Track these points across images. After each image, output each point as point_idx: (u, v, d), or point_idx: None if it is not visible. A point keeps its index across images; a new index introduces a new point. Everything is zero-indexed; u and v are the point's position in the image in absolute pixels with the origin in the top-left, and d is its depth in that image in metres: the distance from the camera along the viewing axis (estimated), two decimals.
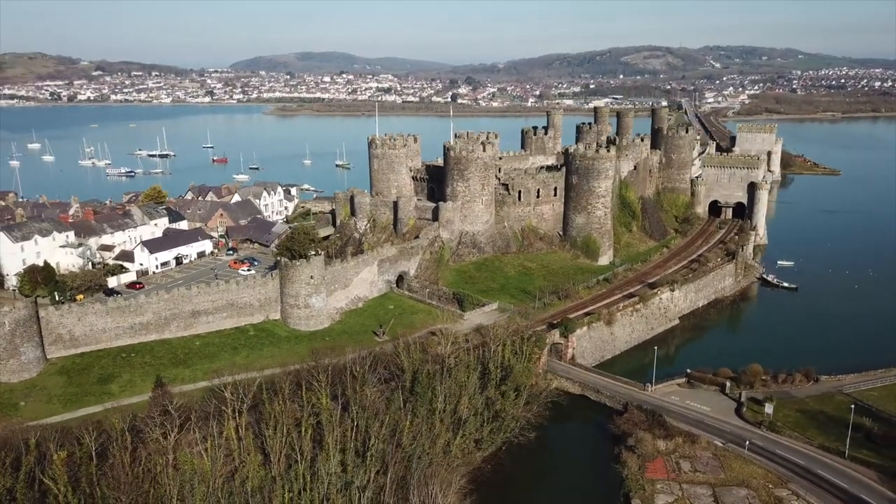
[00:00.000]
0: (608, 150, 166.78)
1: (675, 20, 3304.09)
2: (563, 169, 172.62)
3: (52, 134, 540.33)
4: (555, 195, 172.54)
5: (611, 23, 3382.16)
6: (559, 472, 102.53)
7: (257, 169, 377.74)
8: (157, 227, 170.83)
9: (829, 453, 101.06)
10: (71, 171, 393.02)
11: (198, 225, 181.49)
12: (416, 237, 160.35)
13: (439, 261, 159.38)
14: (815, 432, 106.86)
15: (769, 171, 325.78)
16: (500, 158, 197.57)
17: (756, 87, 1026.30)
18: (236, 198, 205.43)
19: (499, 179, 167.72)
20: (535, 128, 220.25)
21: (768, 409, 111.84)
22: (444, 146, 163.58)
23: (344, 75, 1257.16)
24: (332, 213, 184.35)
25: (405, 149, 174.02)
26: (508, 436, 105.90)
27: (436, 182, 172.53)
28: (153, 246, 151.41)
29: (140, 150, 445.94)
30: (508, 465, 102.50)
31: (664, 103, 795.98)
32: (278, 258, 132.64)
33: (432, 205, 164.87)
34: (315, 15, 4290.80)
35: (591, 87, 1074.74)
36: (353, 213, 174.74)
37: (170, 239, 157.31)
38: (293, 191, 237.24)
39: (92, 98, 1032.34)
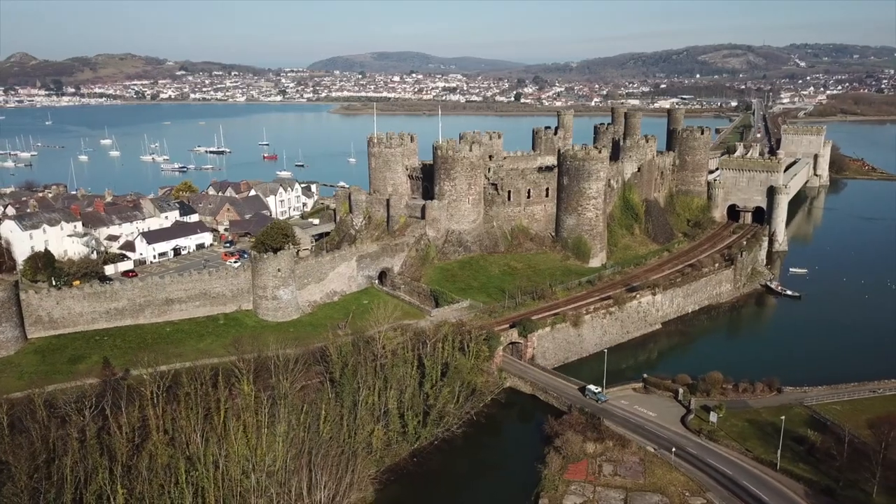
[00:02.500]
0: (599, 152, 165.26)
1: (759, 17, 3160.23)
2: (556, 170, 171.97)
3: (127, 130, 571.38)
4: (546, 196, 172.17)
5: (690, 21, 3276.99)
6: (485, 469, 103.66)
7: (303, 166, 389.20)
8: (167, 219, 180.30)
9: (763, 465, 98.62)
10: (132, 166, 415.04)
11: (208, 218, 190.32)
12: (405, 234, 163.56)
13: (425, 258, 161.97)
14: (757, 443, 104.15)
15: (815, 174, 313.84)
16: (505, 158, 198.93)
17: (839, 88, 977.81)
18: (252, 193, 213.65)
19: (488, 179, 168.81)
20: (547, 128, 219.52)
21: (713, 417, 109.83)
22: (433, 145, 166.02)
23: (413, 75, 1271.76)
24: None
25: (401, 147, 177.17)
26: (441, 431, 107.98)
27: (430, 181, 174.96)
28: (151, 237, 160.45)
29: (199, 146, 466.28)
30: (436, 459, 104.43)
31: (734, 104, 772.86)
32: (250, 251, 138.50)
33: (422, 203, 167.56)
34: (393, 15, 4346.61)
35: (662, 86, 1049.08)
36: (350, 210, 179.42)
37: (169, 231, 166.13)
38: (313, 187, 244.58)
39: (173, 97, 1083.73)
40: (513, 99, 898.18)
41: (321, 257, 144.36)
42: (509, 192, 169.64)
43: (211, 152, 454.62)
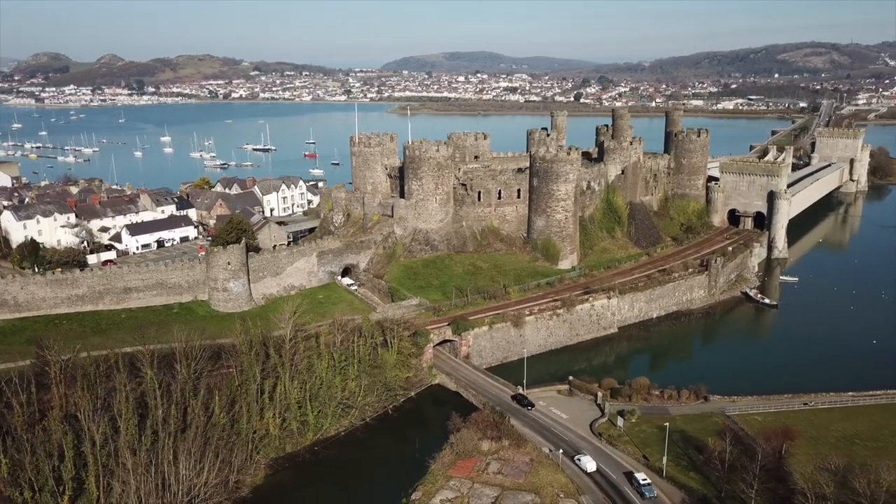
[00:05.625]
0: (569, 154, 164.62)
1: (847, 14, 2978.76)
2: (527, 171, 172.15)
3: (189, 128, 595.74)
4: (518, 197, 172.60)
5: (771, 19, 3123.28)
6: (383, 461, 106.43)
7: (338, 164, 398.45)
8: (162, 213, 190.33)
9: (652, 471, 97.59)
10: (181, 162, 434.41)
11: (204, 213, 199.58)
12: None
13: (391, 256, 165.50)
14: (657, 449, 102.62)
15: (851, 179, 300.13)
16: (493, 158, 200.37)
17: None
18: (255, 189, 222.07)
19: (458, 179, 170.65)
20: (543, 129, 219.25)
21: (619, 422, 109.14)
22: (403, 145, 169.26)
23: (478, 75, 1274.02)
24: None
25: (380, 147, 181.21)
26: (349, 422, 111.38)
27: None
28: (135, 229, 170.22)
29: (247, 144, 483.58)
30: (339, 450, 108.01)
31: (802, 104, 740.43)
32: (208, 245, 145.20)
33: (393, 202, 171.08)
34: (468, 15, 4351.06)
35: (733, 86, 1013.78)
36: (333, 207, 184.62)
37: (153, 224, 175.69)
38: (321, 185, 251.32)
39: (244, 96, 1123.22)
40: (572, 99, 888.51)
41: (278, 252, 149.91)
42: (479, 192, 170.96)
43: (257, 150, 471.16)
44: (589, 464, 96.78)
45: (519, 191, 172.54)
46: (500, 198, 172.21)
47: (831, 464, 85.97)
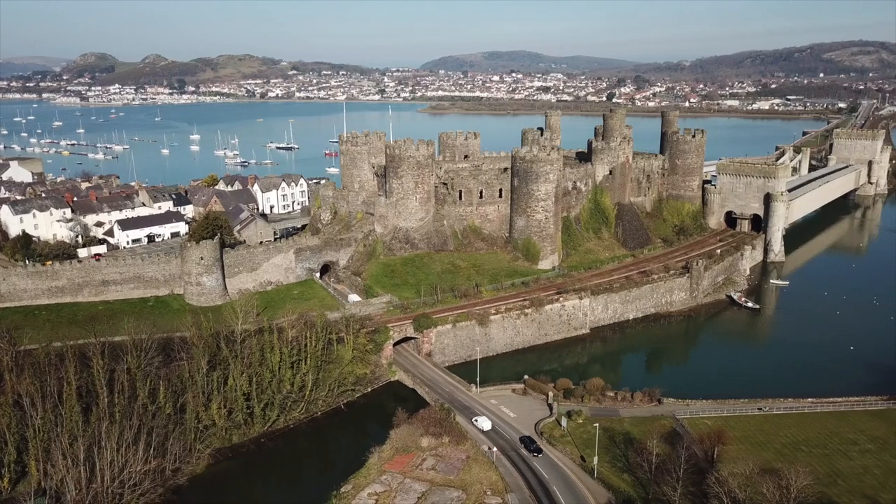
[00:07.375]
0: (549, 154, 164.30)
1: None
2: (509, 171, 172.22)
3: (217, 127, 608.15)
4: (500, 196, 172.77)
5: (816, 18, 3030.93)
6: (326, 455, 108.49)
7: None
8: (160, 209, 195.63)
9: (584, 472, 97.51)
10: (205, 160, 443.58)
11: (201, 209, 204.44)
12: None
13: (371, 253, 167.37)
14: (594, 451, 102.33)
15: (869, 182, 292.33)
16: (485, 158, 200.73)
17: None
18: (256, 187, 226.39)
19: (439, 178, 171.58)
20: (539, 129, 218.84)
21: (563, 422, 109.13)
22: (385, 145, 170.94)
23: (513, 74, 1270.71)
24: None
25: (367, 146, 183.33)
26: (297, 415, 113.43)
27: None
28: (126, 224, 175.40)
29: (270, 142, 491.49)
30: (287, 442, 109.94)
31: (841, 105, 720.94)
32: (183, 240, 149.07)
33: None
34: (508, 15, 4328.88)
35: (773, 86, 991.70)
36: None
37: (144, 219, 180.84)
38: (323, 182, 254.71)
39: (280, 95, 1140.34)
40: (605, 99, 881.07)
41: (253, 248, 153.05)
42: (461, 191, 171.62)
43: (280, 148, 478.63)
44: (485, 423, 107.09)
45: (501, 190, 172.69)
46: (481, 197, 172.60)
47: (746, 468, 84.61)
